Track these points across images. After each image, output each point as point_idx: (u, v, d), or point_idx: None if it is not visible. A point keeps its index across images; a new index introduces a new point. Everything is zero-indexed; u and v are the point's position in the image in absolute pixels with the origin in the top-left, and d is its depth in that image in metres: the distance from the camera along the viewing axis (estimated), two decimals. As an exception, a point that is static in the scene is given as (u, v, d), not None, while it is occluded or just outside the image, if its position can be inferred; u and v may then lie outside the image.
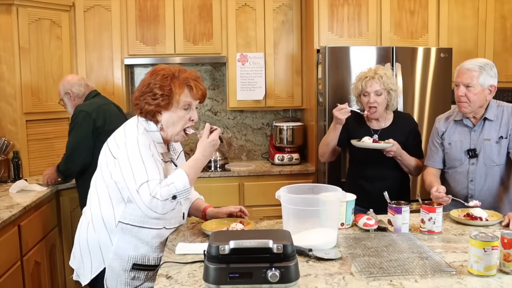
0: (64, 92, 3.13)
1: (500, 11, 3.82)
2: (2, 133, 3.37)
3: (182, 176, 1.76)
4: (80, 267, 1.96)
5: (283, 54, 3.94)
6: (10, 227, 2.44)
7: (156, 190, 1.71)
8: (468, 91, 2.28)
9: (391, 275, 1.49)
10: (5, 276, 2.33)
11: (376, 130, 2.62)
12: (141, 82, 1.91)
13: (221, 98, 4.22)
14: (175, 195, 1.73)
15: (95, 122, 2.92)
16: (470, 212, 2.13)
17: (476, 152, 2.36)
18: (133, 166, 1.75)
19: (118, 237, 1.85)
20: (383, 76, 2.53)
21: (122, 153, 1.78)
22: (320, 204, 1.78)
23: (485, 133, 2.35)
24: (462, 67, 2.33)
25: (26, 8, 3.40)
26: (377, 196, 2.21)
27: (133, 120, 1.92)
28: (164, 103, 1.83)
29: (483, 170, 2.36)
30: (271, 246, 1.37)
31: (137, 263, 1.87)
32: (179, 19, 3.79)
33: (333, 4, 3.60)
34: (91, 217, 1.92)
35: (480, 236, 1.51)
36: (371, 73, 2.55)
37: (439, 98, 3.49)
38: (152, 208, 1.71)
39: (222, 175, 3.66)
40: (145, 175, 1.73)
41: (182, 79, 1.86)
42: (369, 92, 2.54)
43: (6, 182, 3.26)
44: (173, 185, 1.73)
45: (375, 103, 2.54)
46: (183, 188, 1.74)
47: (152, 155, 1.79)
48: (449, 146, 2.44)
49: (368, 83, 2.53)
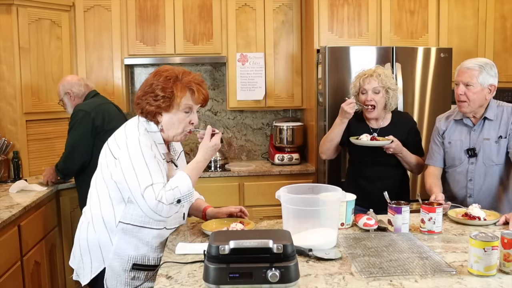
0: (64, 92, 3.14)
1: (500, 11, 3.82)
2: (2, 133, 3.37)
3: (186, 179, 1.78)
4: (80, 267, 1.95)
5: (283, 54, 3.94)
6: (10, 227, 2.44)
7: (162, 194, 1.72)
8: (468, 89, 2.29)
9: (391, 275, 1.49)
10: (5, 276, 2.33)
11: (375, 129, 2.61)
12: (145, 81, 1.91)
13: (221, 98, 4.22)
14: (180, 199, 1.75)
15: (94, 121, 2.93)
16: (468, 212, 2.13)
17: (475, 151, 2.36)
18: (136, 168, 1.75)
19: (118, 237, 1.85)
20: (381, 74, 2.54)
21: (123, 154, 1.78)
22: (320, 204, 1.78)
23: (485, 133, 2.36)
24: (462, 66, 2.33)
25: (26, 8, 3.40)
26: (377, 196, 2.21)
27: (133, 121, 1.91)
28: (165, 105, 1.83)
29: (482, 169, 2.36)
30: (271, 246, 1.37)
31: (137, 263, 1.87)
32: (179, 19, 3.79)
33: (333, 4, 3.60)
34: (91, 217, 1.91)
35: (480, 236, 1.51)
36: (370, 71, 2.57)
37: (439, 98, 3.49)
38: (157, 212, 1.72)
39: (222, 175, 3.66)
40: (149, 178, 1.73)
41: (185, 82, 1.85)
42: (367, 90, 2.54)
43: (6, 182, 3.26)
44: (178, 189, 1.74)
45: (373, 101, 2.53)
46: (187, 191, 1.77)
47: (154, 156, 1.79)
48: (449, 145, 2.45)
49: (366, 81, 2.54)
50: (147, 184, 1.73)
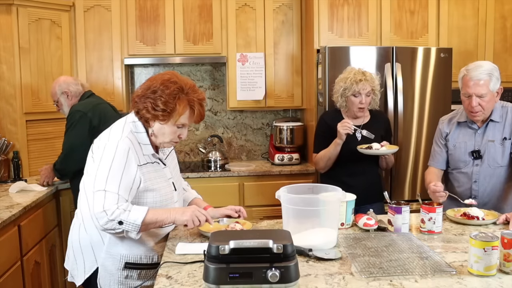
0: (61, 92, 3.11)
1: (500, 11, 3.82)
2: (2, 133, 3.37)
3: (142, 212, 1.73)
4: (74, 268, 1.96)
5: (283, 54, 3.94)
6: (10, 227, 2.44)
7: (111, 206, 1.70)
8: (482, 100, 2.26)
9: (391, 275, 1.50)
10: (5, 276, 2.34)
11: (358, 126, 2.72)
12: (149, 82, 1.86)
13: (221, 98, 4.22)
14: (122, 221, 1.70)
15: (91, 122, 2.93)
16: (466, 212, 2.13)
17: (480, 153, 2.36)
18: (99, 169, 1.76)
19: (110, 236, 1.85)
20: (370, 77, 2.72)
21: (99, 154, 1.80)
22: (320, 204, 1.78)
23: (489, 134, 2.35)
24: (472, 78, 2.25)
25: (26, 8, 3.40)
26: (361, 190, 2.37)
27: (120, 122, 1.91)
28: (162, 117, 1.82)
29: (487, 171, 2.35)
30: (271, 246, 1.37)
31: (130, 261, 1.87)
32: (179, 19, 3.79)
33: (333, 4, 3.60)
34: (82, 218, 1.92)
35: (480, 236, 1.51)
36: (361, 75, 2.71)
37: (439, 98, 3.48)
38: (98, 218, 1.70)
39: (222, 175, 3.66)
40: (104, 183, 1.73)
41: (189, 100, 1.82)
42: (361, 94, 2.69)
43: (6, 182, 3.26)
44: (128, 212, 1.71)
45: (365, 104, 2.71)
46: (133, 221, 1.71)
47: (124, 164, 1.77)
48: (453, 148, 2.44)
49: (360, 85, 2.67)
50: (100, 187, 1.73)
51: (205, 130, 4.23)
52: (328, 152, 2.72)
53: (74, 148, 2.92)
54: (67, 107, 3.11)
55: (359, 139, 2.70)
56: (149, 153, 1.88)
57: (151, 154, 1.89)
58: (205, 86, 4.20)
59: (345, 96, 2.74)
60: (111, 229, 1.73)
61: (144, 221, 1.72)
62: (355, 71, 2.74)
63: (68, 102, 3.12)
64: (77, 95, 3.13)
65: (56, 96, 3.15)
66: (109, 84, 3.80)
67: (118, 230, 1.72)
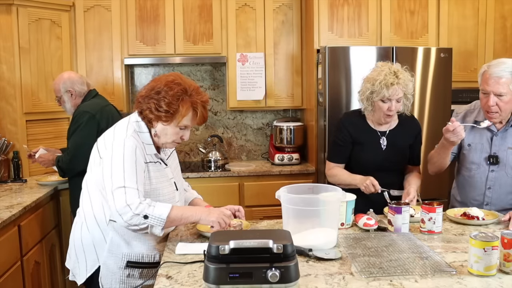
0: (65, 90, 3.04)
1: (500, 11, 3.82)
2: (2, 133, 3.37)
3: (167, 208, 1.74)
4: (75, 266, 1.97)
5: (283, 54, 3.94)
6: (10, 227, 2.44)
7: (134, 201, 1.70)
8: (500, 100, 2.12)
9: (391, 275, 1.50)
10: (5, 276, 2.34)
11: (383, 132, 2.45)
12: (153, 83, 1.87)
13: (221, 98, 4.22)
14: (147, 216, 1.70)
15: (99, 124, 2.89)
16: (466, 212, 2.12)
17: (498, 159, 2.22)
18: (113, 168, 1.75)
19: (112, 235, 1.86)
20: (403, 82, 2.32)
21: (107, 154, 1.80)
22: (320, 204, 1.78)
23: (509, 141, 2.21)
24: (492, 75, 2.11)
25: (26, 8, 3.40)
26: (376, 198, 2.23)
27: (124, 122, 1.92)
28: (165, 118, 1.82)
29: (503, 179, 2.22)
30: (271, 246, 1.37)
31: (131, 260, 1.87)
32: (179, 19, 3.79)
33: (333, 4, 3.60)
34: (84, 217, 1.93)
35: (480, 236, 1.51)
36: (393, 78, 2.29)
37: (439, 98, 3.48)
38: (121, 214, 1.70)
39: (222, 175, 3.66)
40: (122, 180, 1.73)
41: (192, 102, 1.83)
42: (391, 100, 2.31)
43: (6, 182, 3.26)
44: (153, 208, 1.72)
45: (394, 111, 2.35)
46: (159, 215, 1.72)
47: (135, 161, 1.78)
48: (468, 148, 2.29)
49: (392, 90, 2.28)
50: (119, 185, 1.72)
51: (205, 130, 4.23)
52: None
53: (81, 149, 2.86)
54: (70, 105, 3.07)
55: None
56: (152, 153, 1.89)
57: (153, 153, 1.89)
58: (205, 86, 4.20)
59: (371, 100, 2.35)
60: (135, 225, 1.71)
61: (169, 216, 1.73)
62: (386, 71, 2.31)
63: (72, 101, 3.07)
64: (81, 95, 3.08)
65: (60, 93, 3.07)
66: (109, 84, 3.80)
67: (142, 225, 1.71)
